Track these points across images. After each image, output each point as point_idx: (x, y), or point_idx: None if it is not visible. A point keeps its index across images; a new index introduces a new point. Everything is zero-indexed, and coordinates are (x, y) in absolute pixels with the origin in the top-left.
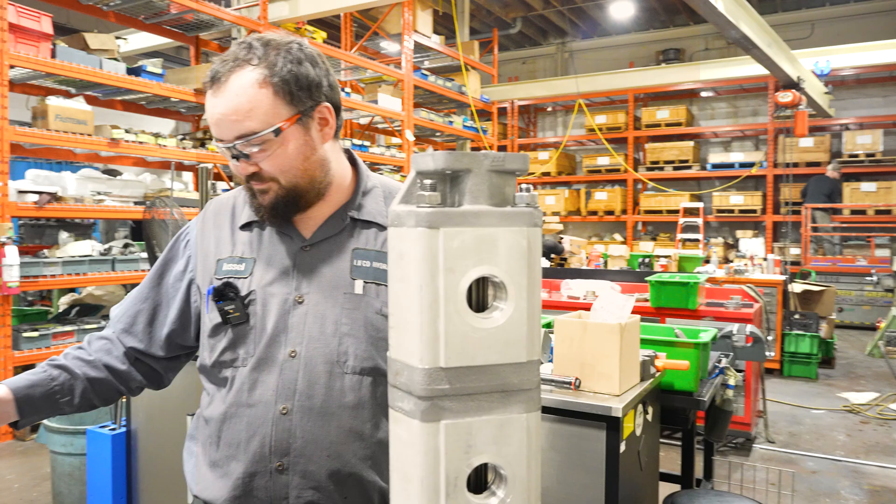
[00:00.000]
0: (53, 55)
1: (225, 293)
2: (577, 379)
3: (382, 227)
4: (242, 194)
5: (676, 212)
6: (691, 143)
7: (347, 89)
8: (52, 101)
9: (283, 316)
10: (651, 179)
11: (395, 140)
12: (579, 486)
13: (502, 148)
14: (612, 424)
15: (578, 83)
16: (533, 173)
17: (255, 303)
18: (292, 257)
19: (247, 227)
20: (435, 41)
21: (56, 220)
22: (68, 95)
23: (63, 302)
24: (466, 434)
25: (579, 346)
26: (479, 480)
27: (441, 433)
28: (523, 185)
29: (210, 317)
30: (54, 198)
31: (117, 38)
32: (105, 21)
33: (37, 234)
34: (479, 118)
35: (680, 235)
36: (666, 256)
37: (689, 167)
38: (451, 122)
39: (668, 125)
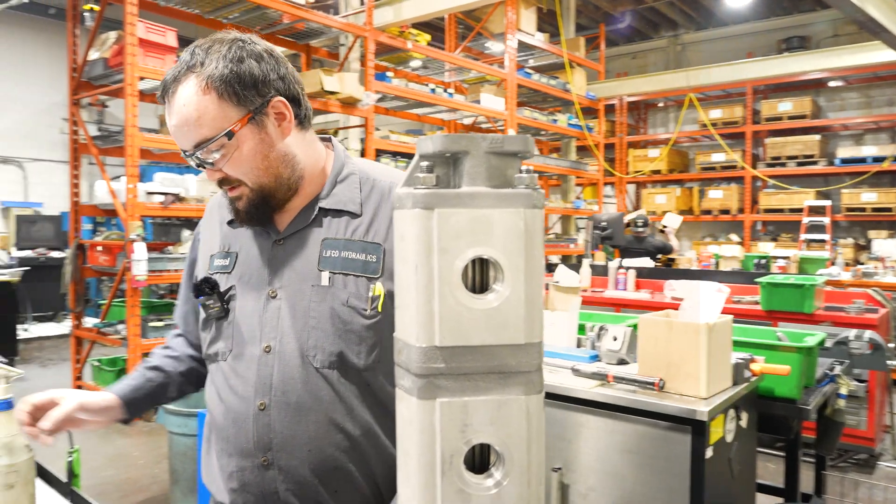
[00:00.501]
0: None
1: (202, 288)
2: (661, 380)
3: (355, 215)
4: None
5: (800, 210)
6: (817, 137)
7: (451, 90)
8: None
9: (258, 311)
10: (771, 176)
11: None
12: (664, 490)
13: (610, 146)
14: (697, 428)
15: (690, 77)
16: (642, 171)
17: (234, 297)
18: (267, 252)
19: (232, 222)
20: (539, 39)
21: (179, 218)
22: None
23: None
24: (462, 413)
25: (665, 345)
26: (483, 461)
27: (437, 411)
28: (524, 168)
29: (201, 311)
30: (178, 198)
31: None
32: None
33: (163, 231)
34: (586, 116)
35: (804, 236)
36: (785, 258)
37: (815, 162)
38: (555, 121)
39: (790, 118)
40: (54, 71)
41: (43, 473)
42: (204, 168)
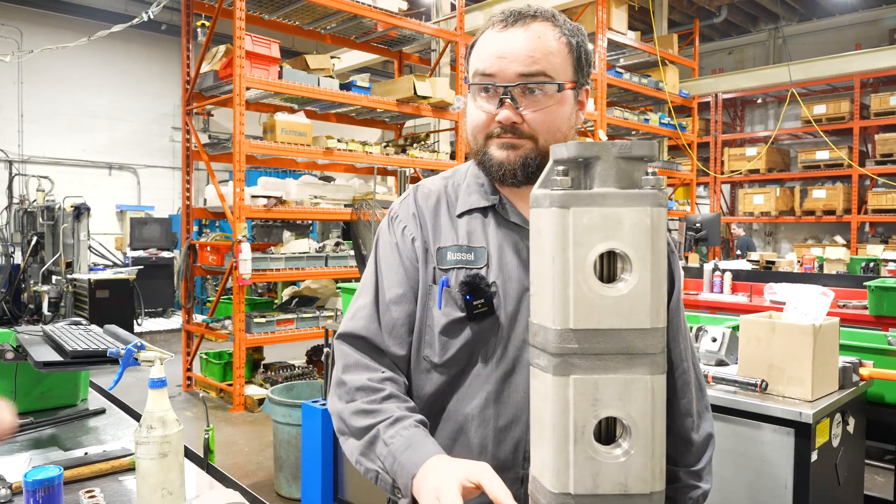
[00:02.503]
0: (280, 76)
1: (478, 286)
2: (763, 381)
3: None
4: (450, 182)
5: None
6: None
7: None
8: (279, 117)
9: (524, 310)
10: (881, 174)
11: (589, 140)
12: (766, 494)
13: (704, 145)
14: (801, 431)
15: (792, 71)
16: (739, 171)
17: (497, 296)
18: (523, 247)
19: (464, 215)
20: (630, 38)
21: (281, 220)
22: (291, 111)
23: (286, 293)
24: (593, 389)
25: (767, 347)
26: (609, 434)
27: (570, 387)
28: (650, 170)
29: (445, 311)
30: (280, 201)
31: (332, 56)
32: (323, 43)
33: (265, 233)
34: (678, 114)
35: None
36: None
37: None
38: (646, 120)
39: None
40: (165, 83)
41: (184, 450)
42: (503, 104)
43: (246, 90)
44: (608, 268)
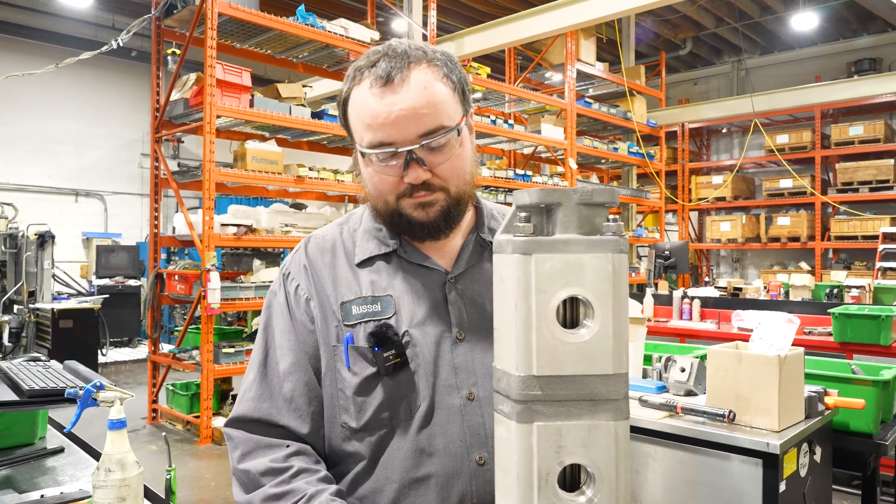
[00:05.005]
0: (252, 104)
1: (385, 335)
2: (731, 412)
3: None
4: (346, 228)
5: (875, 237)
6: (892, 161)
7: (511, 121)
8: (250, 145)
9: (447, 356)
10: (843, 202)
11: (560, 169)
12: None
13: (671, 173)
14: (769, 461)
15: (755, 102)
16: (706, 198)
17: (411, 345)
18: (438, 291)
19: (365, 264)
20: (599, 69)
21: (251, 249)
22: (263, 139)
23: (256, 322)
24: (557, 436)
25: (734, 377)
26: (574, 481)
27: (534, 433)
28: (611, 217)
29: (355, 370)
30: (250, 230)
31: (304, 85)
32: (295, 71)
33: (235, 261)
34: (646, 143)
35: (879, 264)
36: (859, 287)
37: (890, 188)
38: (615, 149)
39: (862, 142)
40: (134, 109)
41: (144, 490)
42: (409, 167)
43: (217, 118)
44: (571, 314)
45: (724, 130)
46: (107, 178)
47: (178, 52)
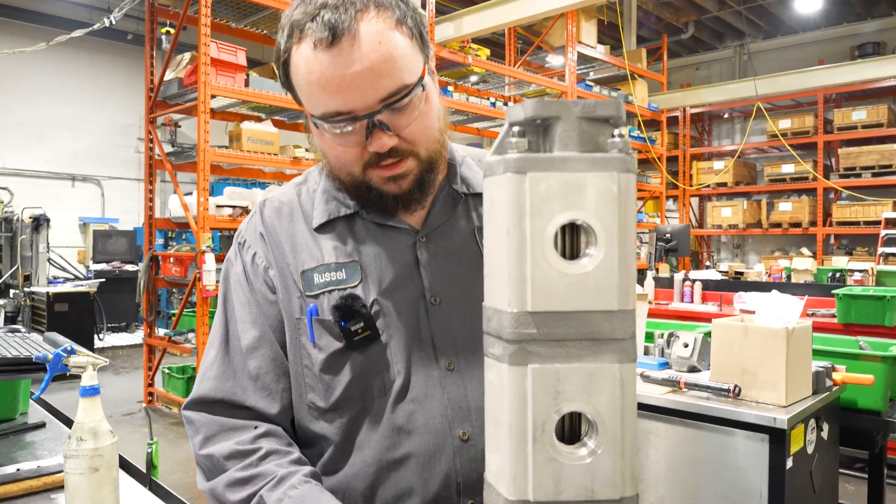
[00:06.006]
0: (247, 84)
1: (351, 308)
2: (736, 386)
3: None
4: (304, 189)
5: (877, 223)
6: (895, 146)
7: (511, 104)
8: (246, 126)
9: (422, 324)
10: (845, 187)
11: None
12: (740, 503)
13: (673, 159)
14: (776, 437)
15: (758, 85)
16: (707, 185)
17: (381, 314)
18: (408, 254)
19: (325, 227)
20: (600, 51)
21: None
22: (259, 120)
23: None
24: (554, 380)
25: (740, 351)
26: (573, 433)
27: (528, 377)
28: (617, 132)
29: (321, 345)
30: (245, 211)
31: None
32: None
33: (229, 243)
34: (648, 128)
35: (881, 249)
36: (861, 271)
37: (893, 172)
38: None
39: (865, 127)
40: (130, 94)
41: (124, 464)
42: (371, 135)
43: (211, 98)
44: (571, 243)
45: (725, 116)
46: (103, 162)
47: (171, 31)
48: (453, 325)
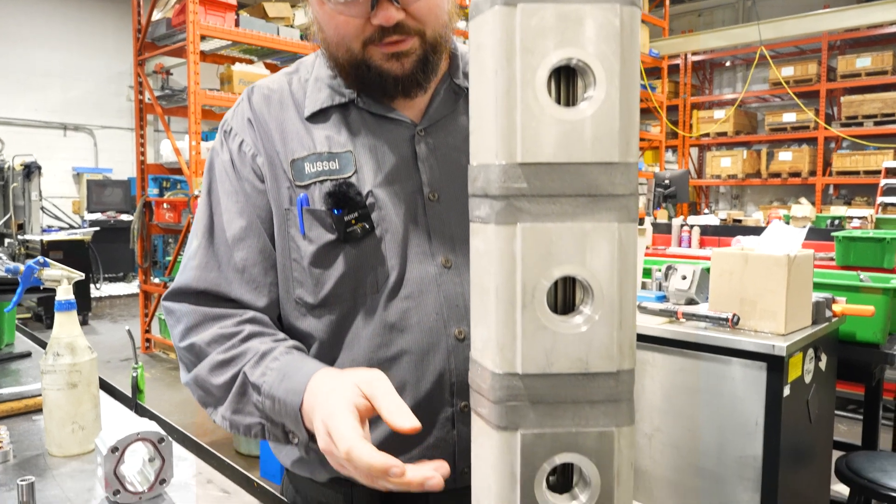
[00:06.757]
0: (237, 24)
1: (346, 195)
2: (735, 315)
3: None
4: (296, 78)
5: (877, 172)
6: None
7: None
8: (237, 68)
9: (419, 219)
10: (847, 136)
11: None
12: (735, 432)
13: (673, 108)
14: (774, 365)
15: (762, 30)
16: (707, 134)
17: (377, 207)
18: (405, 146)
19: (318, 117)
20: None
21: None
22: (250, 63)
23: None
24: (546, 240)
25: (739, 280)
26: (566, 302)
27: (517, 237)
28: None
29: (311, 236)
30: None
31: (293, 6)
32: None
33: None
34: (649, 76)
35: (880, 199)
36: (861, 218)
37: (895, 121)
38: None
39: (869, 74)
40: (121, 40)
41: (109, 390)
42: (383, 2)
43: (201, 39)
44: (567, 89)
45: (727, 64)
46: (95, 111)
47: None
48: (451, 222)
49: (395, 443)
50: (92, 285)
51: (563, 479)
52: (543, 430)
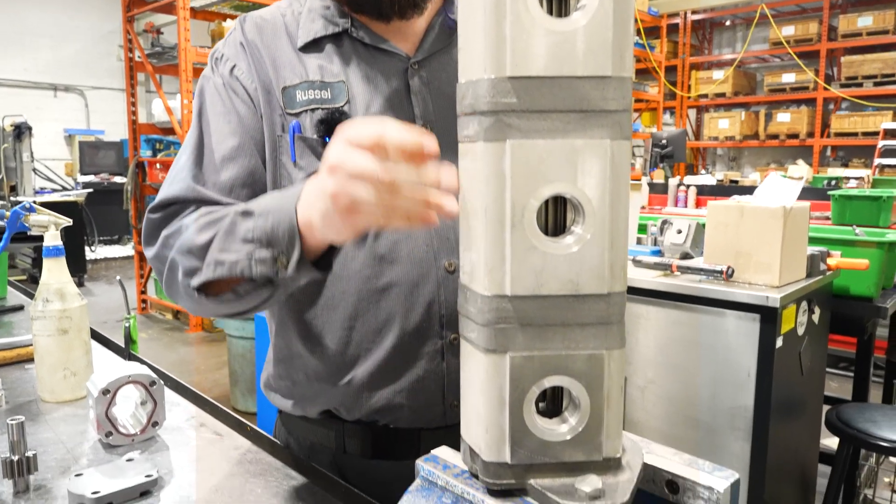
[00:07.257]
0: None
1: (339, 123)
2: (729, 268)
3: None
4: (290, 11)
5: (875, 134)
6: None
7: None
8: (228, 24)
9: None
10: (846, 97)
11: None
12: (727, 383)
13: (671, 69)
14: (767, 317)
15: None
16: (706, 95)
17: None
18: (401, 78)
19: (311, 47)
20: None
21: None
22: None
23: None
24: (536, 158)
25: (735, 232)
26: (557, 224)
27: (507, 155)
28: None
29: (302, 164)
30: None
31: None
32: None
33: None
34: (648, 35)
35: (878, 161)
36: (857, 178)
37: (895, 81)
38: None
39: (870, 34)
40: None
41: (102, 340)
42: None
43: None
44: (560, 2)
45: (727, 23)
46: (86, 72)
47: None
48: (443, 155)
49: (383, 374)
50: (87, 248)
51: (552, 407)
52: (532, 352)
